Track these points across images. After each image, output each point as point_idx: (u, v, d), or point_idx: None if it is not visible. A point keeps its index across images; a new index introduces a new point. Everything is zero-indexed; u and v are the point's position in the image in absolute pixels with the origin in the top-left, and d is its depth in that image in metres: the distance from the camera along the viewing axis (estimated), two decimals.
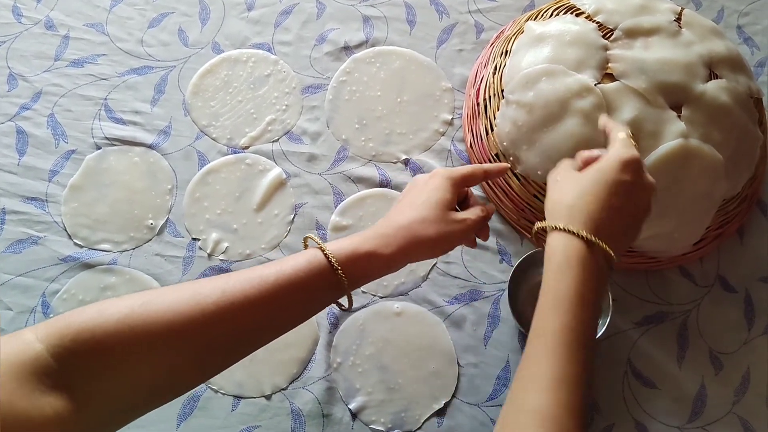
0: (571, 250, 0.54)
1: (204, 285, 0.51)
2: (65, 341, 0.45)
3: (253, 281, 0.52)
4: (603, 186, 0.56)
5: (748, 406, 0.75)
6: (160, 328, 0.48)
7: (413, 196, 0.62)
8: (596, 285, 0.54)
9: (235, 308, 0.51)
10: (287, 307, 0.54)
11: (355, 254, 0.56)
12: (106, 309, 0.48)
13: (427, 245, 0.60)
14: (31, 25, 0.94)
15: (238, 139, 0.87)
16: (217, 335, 0.51)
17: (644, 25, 0.77)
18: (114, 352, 0.47)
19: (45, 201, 0.83)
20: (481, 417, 0.74)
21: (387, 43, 0.94)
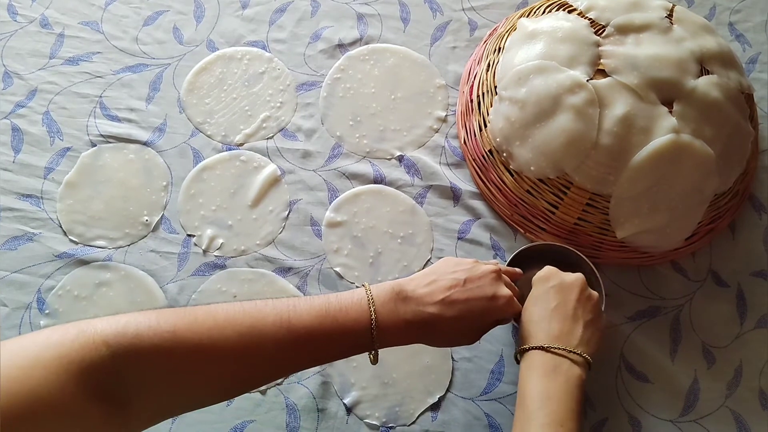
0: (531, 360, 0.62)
1: (268, 328, 0.54)
2: (131, 353, 0.46)
3: (314, 336, 0.55)
4: (537, 303, 0.65)
5: (740, 399, 0.75)
6: (221, 363, 0.52)
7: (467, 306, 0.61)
8: (559, 376, 0.59)
9: (289, 358, 0.56)
10: (329, 358, 0.60)
11: (393, 332, 0.59)
12: (179, 332, 0.49)
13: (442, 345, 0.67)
14: (27, 24, 0.94)
15: (232, 136, 0.87)
16: (270, 369, 0.56)
17: (636, 22, 0.77)
18: (177, 377, 0.50)
19: (40, 198, 0.83)
20: (475, 411, 0.74)
21: (381, 41, 0.94)
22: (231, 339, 0.51)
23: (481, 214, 0.84)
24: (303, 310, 0.56)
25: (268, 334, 0.53)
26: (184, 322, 0.50)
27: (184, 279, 0.80)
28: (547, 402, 0.58)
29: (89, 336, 0.45)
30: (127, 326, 0.47)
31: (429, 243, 0.82)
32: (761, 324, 0.79)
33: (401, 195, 0.84)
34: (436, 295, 0.60)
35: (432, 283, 0.62)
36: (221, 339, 0.51)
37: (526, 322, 0.65)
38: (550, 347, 0.61)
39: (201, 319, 0.51)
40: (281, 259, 0.81)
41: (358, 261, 0.81)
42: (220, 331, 0.51)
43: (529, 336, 0.63)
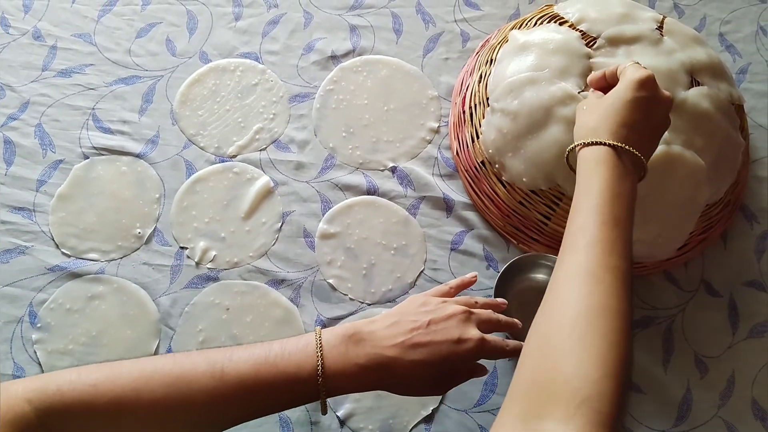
0: (599, 155, 0.57)
1: (197, 378, 0.51)
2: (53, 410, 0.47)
3: (248, 385, 0.52)
4: (623, 104, 0.60)
5: (733, 409, 0.76)
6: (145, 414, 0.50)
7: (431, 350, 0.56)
8: (628, 185, 0.56)
9: (222, 409, 0.52)
10: (269, 409, 0.55)
11: (344, 379, 0.55)
12: (99, 386, 0.49)
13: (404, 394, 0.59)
14: (19, 36, 0.94)
15: (225, 148, 0.88)
16: (196, 426, 0.53)
17: (627, 34, 0.78)
18: (99, 428, 0.49)
19: (32, 211, 0.83)
20: (468, 423, 0.74)
21: (374, 52, 0.94)
22: (156, 391, 0.50)
23: (474, 225, 0.84)
24: (240, 358, 0.53)
25: (197, 385, 0.51)
26: (106, 375, 0.49)
27: (176, 291, 0.80)
28: (615, 199, 0.55)
29: (11, 394, 0.46)
30: (48, 383, 0.48)
31: (422, 254, 0.82)
32: (753, 334, 0.79)
33: (394, 206, 0.85)
34: (395, 338, 0.56)
35: (393, 325, 0.57)
36: (145, 390, 0.49)
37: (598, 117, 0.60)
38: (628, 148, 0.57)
39: (126, 372, 0.50)
40: (274, 271, 0.81)
41: (351, 272, 0.81)
42: (145, 383, 0.50)
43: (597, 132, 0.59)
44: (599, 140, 0.58)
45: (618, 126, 0.58)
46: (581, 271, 0.51)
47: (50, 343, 0.77)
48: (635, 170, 0.58)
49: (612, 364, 0.45)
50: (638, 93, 0.60)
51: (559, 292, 0.51)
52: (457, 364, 0.58)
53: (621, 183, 0.56)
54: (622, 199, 0.55)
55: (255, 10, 0.97)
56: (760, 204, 0.86)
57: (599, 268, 0.51)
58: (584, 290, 0.50)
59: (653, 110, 0.61)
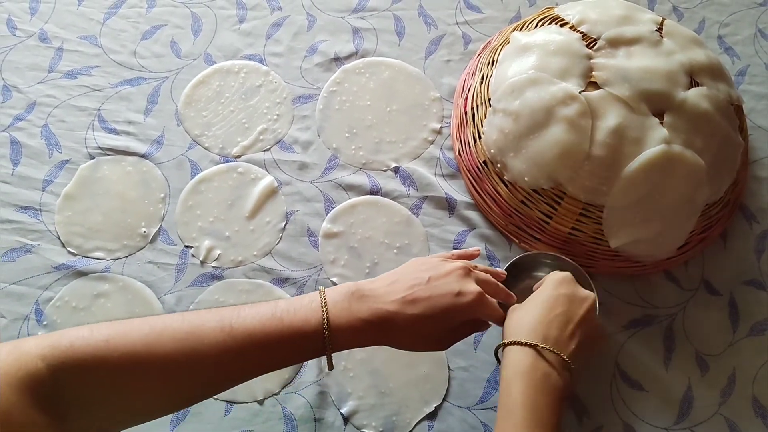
0: (518, 361, 0.59)
1: (207, 334, 0.52)
2: (67, 364, 0.47)
3: (255, 339, 0.53)
4: (543, 302, 0.63)
5: (734, 407, 0.76)
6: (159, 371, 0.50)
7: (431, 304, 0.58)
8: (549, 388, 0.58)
9: (233, 364, 0.54)
10: (278, 363, 0.57)
11: (349, 332, 0.57)
12: (112, 340, 0.49)
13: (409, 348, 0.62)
14: (26, 38, 0.95)
15: (230, 149, 0.88)
16: (210, 382, 0.54)
17: (627, 35, 0.78)
18: (112, 386, 0.49)
19: (39, 210, 0.84)
20: (471, 420, 0.75)
21: (376, 54, 0.95)
22: (167, 345, 0.51)
23: (476, 225, 0.84)
24: (248, 314, 0.54)
25: (207, 339, 0.52)
26: (117, 331, 0.50)
27: (181, 290, 0.80)
28: (535, 413, 0.56)
29: (24, 351, 0.46)
30: (60, 339, 0.48)
31: (425, 253, 0.83)
32: (754, 332, 0.80)
33: (397, 206, 0.85)
34: (396, 294, 0.58)
35: (394, 283, 0.60)
36: (156, 345, 0.50)
37: (521, 317, 0.62)
38: (547, 347, 0.58)
39: (136, 328, 0.51)
40: (278, 269, 0.82)
41: (354, 271, 0.82)
42: (156, 338, 0.51)
43: (521, 331, 0.60)
44: (518, 340, 0.60)
45: (538, 324, 0.60)
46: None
47: None
48: (559, 367, 0.59)
49: None
50: (556, 291, 0.63)
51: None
52: (457, 318, 0.60)
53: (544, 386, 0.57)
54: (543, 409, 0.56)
55: (259, 12, 0.98)
56: (760, 204, 0.87)
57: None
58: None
59: (575, 306, 0.63)
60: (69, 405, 0.47)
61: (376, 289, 0.59)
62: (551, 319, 0.61)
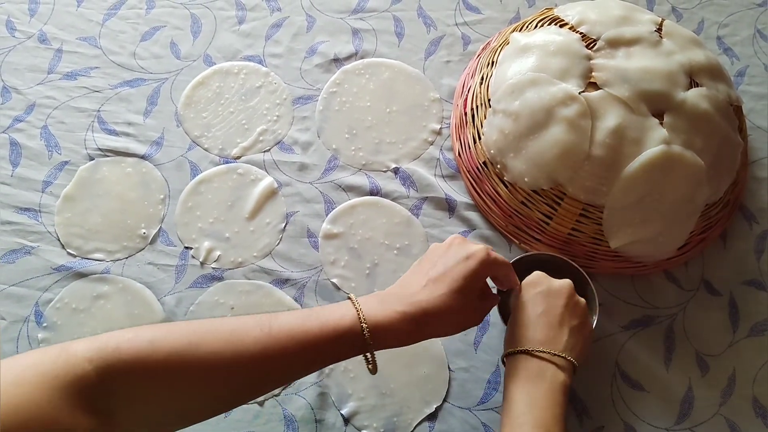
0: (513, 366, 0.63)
1: (248, 333, 0.53)
2: (114, 366, 0.47)
3: (295, 339, 0.54)
4: (523, 307, 0.66)
5: (734, 407, 0.76)
6: (203, 370, 0.51)
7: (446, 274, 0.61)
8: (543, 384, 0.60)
9: (275, 363, 0.54)
10: (317, 362, 0.58)
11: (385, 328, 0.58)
12: (156, 341, 0.50)
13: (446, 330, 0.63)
14: (25, 39, 0.95)
15: (230, 150, 0.88)
16: (253, 382, 0.55)
17: (626, 36, 0.79)
18: (157, 386, 0.50)
19: (38, 211, 0.84)
20: (472, 421, 0.75)
21: (376, 55, 0.95)
22: (210, 343, 0.51)
23: (476, 225, 0.85)
24: (285, 317, 0.56)
25: (248, 338, 0.53)
26: (161, 332, 0.51)
27: (181, 291, 0.80)
28: (531, 408, 0.59)
29: (71, 353, 0.47)
30: (108, 341, 0.48)
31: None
32: (754, 332, 0.80)
33: (397, 207, 0.85)
34: (417, 284, 0.61)
35: (411, 278, 0.63)
36: (200, 343, 0.51)
37: (512, 326, 0.66)
38: (534, 350, 0.62)
39: (179, 329, 0.52)
40: (278, 270, 0.82)
41: (354, 272, 0.82)
42: (199, 337, 0.51)
43: (514, 340, 0.64)
44: (510, 350, 0.64)
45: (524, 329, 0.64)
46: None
47: (56, 342, 0.77)
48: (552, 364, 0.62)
49: None
50: (531, 292, 0.66)
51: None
52: (477, 281, 0.62)
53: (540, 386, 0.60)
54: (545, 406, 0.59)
55: (258, 13, 0.98)
56: (760, 204, 0.87)
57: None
58: None
59: (551, 298, 0.65)
60: (116, 407, 0.47)
61: (399, 288, 0.62)
62: (535, 321, 0.64)
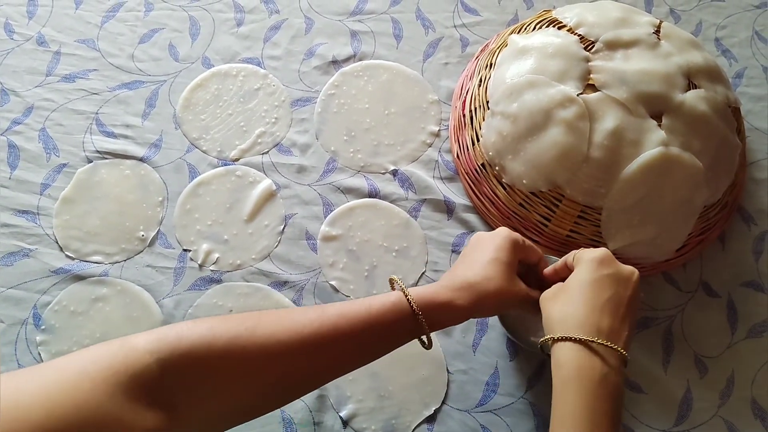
0: (572, 357, 0.54)
1: (302, 316, 0.54)
2: (175, 355, 0.47)
3: (346, 317, 0.54)
4: (587, 287, 0.57)
5: (733, 409, 0.76)
6: (263, 354, 0.51)
7: (480, 253, 0.63)
8: (608, 388, 0.53)
9: (329, 341, 0.54)
10: (371, 343, 0.57)
11: (433, 303, 0.58)
12: (215, 328, 0.50)
13: (491, 303, 0.61)
14: (23, 42, 0.95)
15: (228, 152, 0.88)
16: (310, 364, 0.54)
17: (624, 38, 0.79)
18: (219, 374, 0.49)
19: (36, 214, 0.84)
20: (471, 423, 0.75)
21: (374, 57, 0.95)
22: (267, 327, 0.51)
23: (475, 227, 0.85)
24: (333, 304, 0.56)
25: (302, 320, 0.53)
26: (217, 320, 0.51)
27: (180, 293, 0.80)
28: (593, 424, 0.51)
29: (133, 346, 0.46)
30: (168, 332, 0.48)
31: (423, 256, 0.83)
32: (752, 334, 0.80)
33: (395, 209, 0.85)
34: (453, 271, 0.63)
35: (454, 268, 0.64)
36: (257, 328, 0.51)
37: (565, 305, 0.58)
38: (600, 343, 0.53)
39: (235, 317, 0.52)
40: (277, 273, 0.82)
41: (353, 274, 0.82)
42: (256, 322, 0.52)
43: (569, 323, 0.56)
44: (567, 335, 0.55)
45: (586, 314, 0.56)
46: None
47: (54, 344, 0.77)
48: (615, 361, 0.54)
49: None
50: (599, 272, 0.58)
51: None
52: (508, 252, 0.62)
53: (600, 388, 0.52)
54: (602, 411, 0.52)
55: (257, 15, 0.98)
56: (758, 206, 0.87)
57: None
58: None
59: (623, 287, 0.58)
60: (179, 401, 0.47)
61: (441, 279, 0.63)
62: (601, 307, 0.56)
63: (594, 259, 0.59)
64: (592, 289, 0.57)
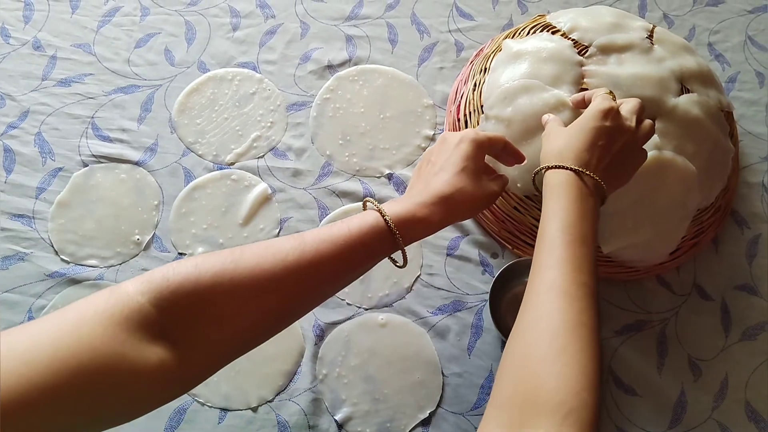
0: (562, 178, 0.60)
1: (283, 244, 0.55)
2: (165, 293, 0.48)
3: (326, 242, 0.56)
4: (587, 132, 0.62)
5: (726, 411, 0.76)
6: (249, 282, 0.52)
7: (449, 163, 0.64)
8: (591, 205, 0.59)
9: (312, 265, 0.55)
10: (353, 262, 0.58)
11: (411, 221, 0.60)
12: (200, 264, 0.51)
13: (464, 211, 0.65)
14: (19, 46, 0.95)
15: (224, 156, 0.89)
16: (298, 290, 0.55)
17: (618, 42, 0.79)
18: (213, 303, 0.50)
19: (32, 218, 0.84)
20: (465, 426, 0.75)
21: (369, 62, 0.96)
22: (250, 259, 0.52)
23: (470, 231, 0.85)
24: (311, 231, 0.57)
25: (284, 248, 0.54)
26: (200, 258, 0.52)
27: None
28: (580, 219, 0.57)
29: (123, 290, 0.47)
30: (153, 274, 0.49)
31: (418, 259, 0.83)
32: (746, 336, 0.80)
33: None
34: (425, 182, 0.64)
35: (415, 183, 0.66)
36: (241, 260, 0.52)
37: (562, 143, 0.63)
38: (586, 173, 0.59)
39: (218, 253, 0.53)
40: None
41: None
42: (239, 255, 0.52)
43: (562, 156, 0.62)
44: (562, 164, 0.61)
45: (580, 151, 0.61)
46: (555, 288, 0.53)
47: None
48: (597, 193, 0.60)
49: (591, 376, 0.47)
50: (600, 122, 0.62)
51: (535, 308, 0.53)
52: (475, 160, 0.64)
53: (584, 203, 0.58)
54: (586, 219, 0.57)
55: (252, 20, 0.99)
56: (751, 209, 0.87)
57: (571, 285, 0.53)
58: (559, 306, 0.52)
59: (615, 139, 0.62)
60: (179, 336, 0.48)
61: (410, 191, 0.65)
62: (592, 149, 0.61)
63: (599, 109, 0.63)
64: (589, 135, 0.62)
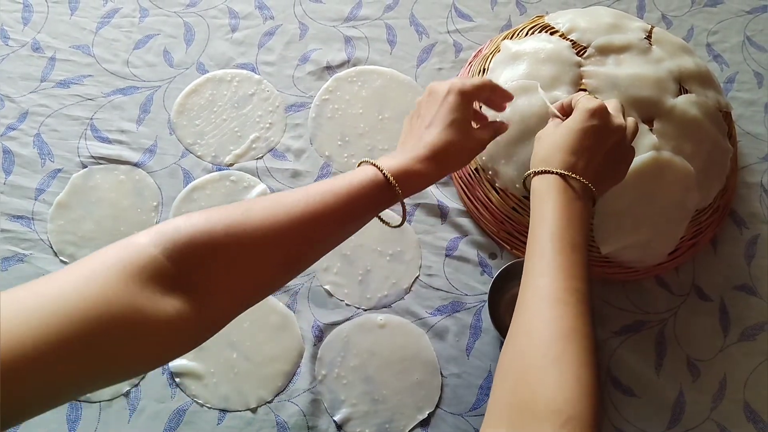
0: (549, 184, 0.60)
1: (289, 197, 0.56)
2: (179, 245, 0.47)
3: (329, 194, 0.57)
4: (574, 134, 0.61)
5: (725, 412, 0.77)
6: (262, 232, 0.52)
7: (438, 117, 0.64)
8: (579, 209, 0.58)
9: (318, 217, 0.55)
10: (356, 214, 0.59)
11: (404, 173, 0.60)
12: (211, 217, 0.51)
13: (456, 163, 0.66)
14: (18, 47, 0.95)
15: (222, 157, 0.89)
16: (305, 240, 0.56)
17: (616, 43, 0.79)
18: (227, 251, 0.50)
19: (31, 219, 0.84)
20: (464, 426, 0.75)
21: (368, 63, 0.96)
22: (259, 210, 0.53)
23: (468, 232, 0.85)
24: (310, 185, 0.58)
25: (290, 198, 0.55)
26: (211, 211, 0.52)
27: None
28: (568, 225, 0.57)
29: (135, 242, 0.47)
30: (164, 226, 0.49)
31: (417, 260, 0.83)
32: (744, 337, 0.80)
33: (389, 213, 0.86)
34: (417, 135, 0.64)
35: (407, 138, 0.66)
36: (250, 212, 0.52)
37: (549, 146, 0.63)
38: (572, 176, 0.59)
39: (225, 207, 0.53)
40: None
41: (347, 278, 0.82)
42: (247, 207, 0.53)
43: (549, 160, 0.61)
44: (547, 169, 0.60)
45: (566, 154, 0.60)
46: (547, 295, 0.53)
47: None
48: (585, 196, 0.60)
49: (587, 383, 0.47)
50: (588, 122, 0.61)
51: (528, 315, 0.53)
52: (463, 110, 0.64)
53: (572, 207, 0.58)
54: (574, 224, 0.57)
55: (251, 21, 0.99)
56: (750, 209, 0.87)
57: (563, 292, 0.52)
58: (553, 314, 0.51)
59: (604, 138, 0.62)
60: (194, 282, 0.48)
61: (403, 146, 0.65)
62: (580, 152, 0.61)
63: (586, 109, 0.62)
64: (577, 136, 0.61)
